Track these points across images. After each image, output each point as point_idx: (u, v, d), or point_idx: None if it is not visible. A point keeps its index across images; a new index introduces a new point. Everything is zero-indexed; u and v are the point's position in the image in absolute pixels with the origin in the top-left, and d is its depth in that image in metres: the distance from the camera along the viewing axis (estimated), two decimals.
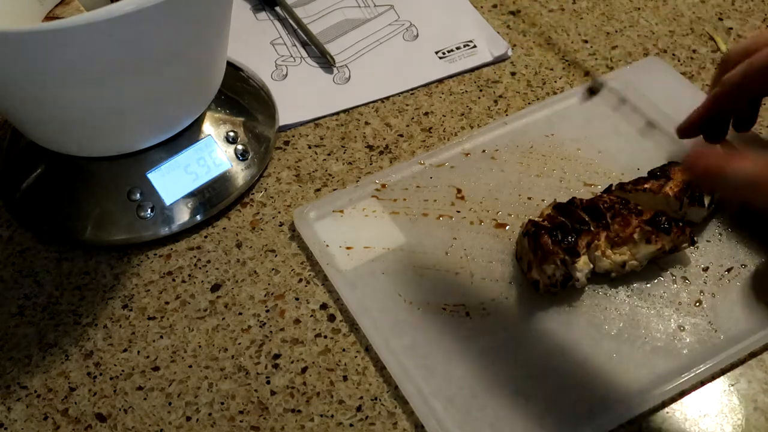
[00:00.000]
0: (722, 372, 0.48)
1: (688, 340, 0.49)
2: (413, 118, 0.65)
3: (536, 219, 0.51)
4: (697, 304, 0.51)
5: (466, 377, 0.48)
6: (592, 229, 0.50)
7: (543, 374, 0.48)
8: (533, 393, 0.47)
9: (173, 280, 0.55)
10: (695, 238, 0.52)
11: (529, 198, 0.57)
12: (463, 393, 0.47)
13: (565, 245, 0.49)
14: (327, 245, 0.55)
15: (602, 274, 0.51)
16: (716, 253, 0.53)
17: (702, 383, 0.48)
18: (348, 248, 0.54)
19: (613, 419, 0.46)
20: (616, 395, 0.47)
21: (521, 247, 0.52)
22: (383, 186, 0.58)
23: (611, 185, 0.55)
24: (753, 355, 0.49)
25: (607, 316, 0.50)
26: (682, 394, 0.47)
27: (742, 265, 0.52)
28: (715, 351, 0.48)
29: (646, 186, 0.53)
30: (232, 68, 0.65)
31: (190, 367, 0.50)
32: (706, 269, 0.52)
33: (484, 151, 0.60)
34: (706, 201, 0.53)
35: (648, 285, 0.52)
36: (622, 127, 0.61)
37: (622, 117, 0.62)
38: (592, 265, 0.50)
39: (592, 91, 0.55)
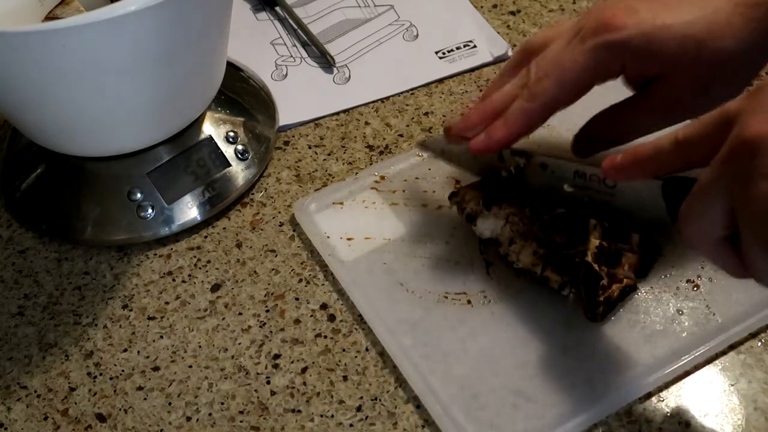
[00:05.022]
0: (717, 356, 0.49)
1: (686, 323, 0.50)
2: (413, 118, 0.65)
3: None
4: (695, 288, 0.51)
5: (466, 377, 0.48)
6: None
7: (543, 369, 0.48)
8: (533, 392, 0.47)
9: (173, 280, 0.55)
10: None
11: None
12: (463, 393, 0.47)
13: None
14: (328, 236, 0.55)
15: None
16: None
17: (705, 363, 0.48)
18: (349, 239, 0.55)
19: (613, 404, 0.46)
20: (616, 382, 0.47)
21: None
22: (382, 178, 0.59)
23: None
24: (751, 335, 0.49)
25: None
26: (682, 377, 0.48)
27: None
28: (713, 333, 0.49)
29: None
30: (232, 68, 0.65)
31: (190, 367, 0.50)
32: None
33: None
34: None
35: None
36: None
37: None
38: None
39: None
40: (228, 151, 0.58)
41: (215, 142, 0.58)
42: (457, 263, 0.53)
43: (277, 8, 0.74)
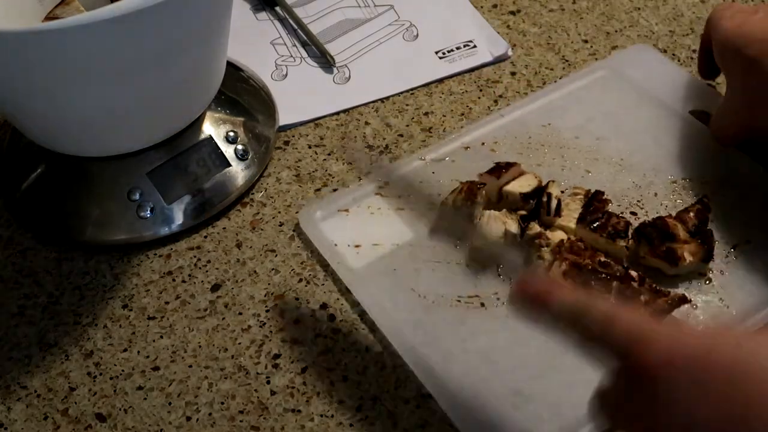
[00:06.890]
0: None
1: (701, 317, 0.50)
2: (413, 118, 0.65)
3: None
4: (707, 282, 0.51)
5: (467, 377, 0.48)
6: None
7: (543, 369, 0.48)
8: (533, 392, 0.47)
9: (173, 280, 0.55)
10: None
11: None
12: (464, 393, 0.47)
13: None
14: (335, 245, 0.55)
15: None
16: (719, 231, 0.54)
17: None
18: (356, 246, 0.55)
19: None
20: None
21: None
22: (386, 183, 0.59)
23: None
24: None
25: None
26: None
27: (746, 242, 0.53)
28: (728, 326, 0.48)
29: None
30: (232, 68, 0.65)
31: (190, 367, 0.50)
32: None
33: (483, 143, 0.61)
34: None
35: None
36: (619, 113, 0.62)
37: (618, 103, 0.63)
38: None
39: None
40: (228, 151, 0.58)
41: (215, 142, 0.58)
42: (468, 266, 0.53)
43: (277, 8, 0.74)
